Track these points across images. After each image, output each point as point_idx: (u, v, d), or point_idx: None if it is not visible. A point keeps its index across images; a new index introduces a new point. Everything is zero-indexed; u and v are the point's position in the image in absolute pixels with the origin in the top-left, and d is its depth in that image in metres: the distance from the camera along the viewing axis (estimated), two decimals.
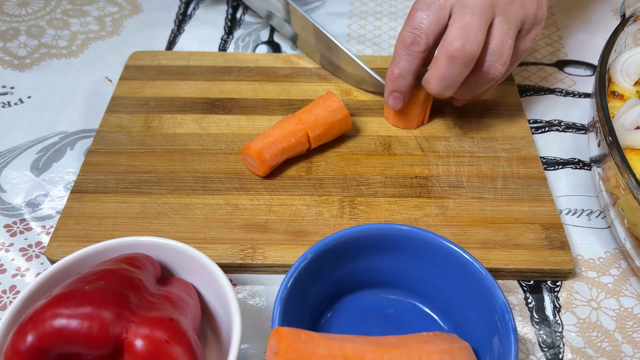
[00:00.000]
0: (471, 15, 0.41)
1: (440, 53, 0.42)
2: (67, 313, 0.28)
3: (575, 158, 0.50)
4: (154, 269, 0.34)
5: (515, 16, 0.43)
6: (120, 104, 0.53)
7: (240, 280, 0.41)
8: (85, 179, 0.46)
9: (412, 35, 0.43)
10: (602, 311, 0.40)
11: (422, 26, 0.43)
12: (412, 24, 0.43)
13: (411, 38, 0.43)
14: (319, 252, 0.34)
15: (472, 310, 0.35)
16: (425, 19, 0.43)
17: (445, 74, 0.42)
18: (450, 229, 0.43)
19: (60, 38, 0.62)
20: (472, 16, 0.41)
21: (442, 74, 0.42)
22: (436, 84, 0.43)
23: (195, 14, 0.66)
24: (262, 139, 0.45)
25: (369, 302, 0.38)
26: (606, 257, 0.43)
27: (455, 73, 0.42)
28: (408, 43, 0.43)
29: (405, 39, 0.43)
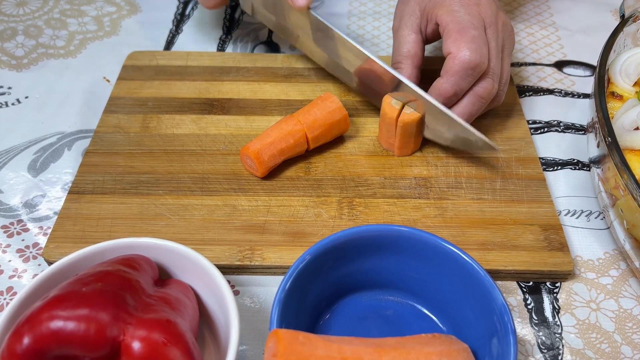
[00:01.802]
0: (496, 47, 0.44)
1: (472, 92, 0.44)
2: (64, 315, 0.28)
3: (574, 159, 0.50)
4: (151, 271, 0.34)
5: (511, 47, 0.47)
6: (118, 104, 0.53)
7: (239, 282, 0.41)
8: (83, 179, 0.46)
9: (479, 59, 0.42)
10: (602, 312, 0.40)
11: (484, 49, 0.43)
12: (474, 44, 0.42)
13: (477, 61, 0.42)
14: (317, 254, 0.34)
15: (471, 312, 0.35)
16: (480, 40, 0.43)
17: (470, 112, 0.45)
18: (449, 230, 0.42)
19: (58, 38, 0.62)
20: (498, 54, 0.44)
21: (468, 111, 0.45)
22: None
23: (194, 14, 0.66)
24: (261, 140, 0.45)
25: (368, 304, 0.38)
26: (605, 258, 0.43)
27: (478, 110, 0.45)
28: (474, 64, 0.42)
29: (470, 59, 0.42)
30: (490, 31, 0.45)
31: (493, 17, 0.45)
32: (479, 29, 0.44)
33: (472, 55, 0.42)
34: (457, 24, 0.43)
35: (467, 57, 0.42)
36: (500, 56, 0.45)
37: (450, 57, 0.43)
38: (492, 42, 0.44)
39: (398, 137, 0.46)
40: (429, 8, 0.46)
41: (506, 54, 0.46)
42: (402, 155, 0.47)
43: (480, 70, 0.43)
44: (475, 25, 0.43)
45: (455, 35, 0.43)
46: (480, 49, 0.42)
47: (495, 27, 0.45)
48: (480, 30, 0.44)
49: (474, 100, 0.44)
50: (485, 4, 0.45)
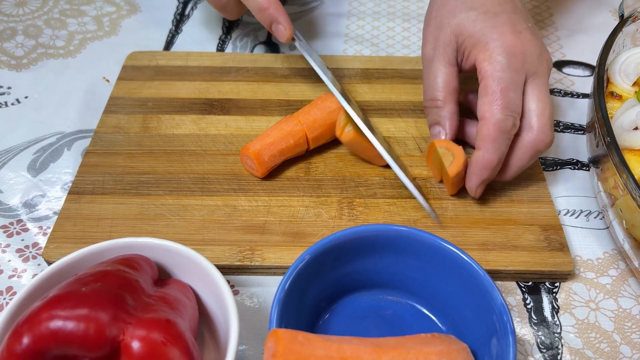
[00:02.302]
0: (546, 96, 0.41)
1: (528, 145, 0.41)
2: (64, 315, 0.28)
3: (574, 159, 0.50)
4: (151, 270, 0.34)
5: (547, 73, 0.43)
6: (118, 105, 0.53)
7: (238, 282, 0.41)
8: (83, 179, 0.46)
9: (512, 120, 0.40)
10: (601, 312, 0.40)
11: (517, 108, 0.40)
12: (509, 107, 0.40)
13: (511, 122, 0.40)
14: (317, 254, 0.34)
15: (471, 312, 0.35)
16: (516, 101, 0.40)
17: (525, 166, 0.42)
18: (449, 230, 0.42)
19: (57, 38, 0.62)
20: (547, 97, 0.41)
21: (523, 165, 0.42)
22: (514, 173, 0.42)
23: (193, 14, 0.66)
24: (261, 140, 0.45)
25: (367, 303, 0.38)
26: (605, 258, 0.43)
27: (531, 163, 0.43)
28: (509, 127, 0.40)
29: (504, 123, 0.39)
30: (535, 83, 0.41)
31: (537, 64, 0.41)
32: (518, 87, 0.40)
33: (504, 117, 0.39)
34: (497, 82, 0.40)
35: (500, 121, 0.39)
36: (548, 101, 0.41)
37: (484, 123, 0.40)
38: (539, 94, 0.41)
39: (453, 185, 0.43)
40: (467, 44, 0.42)
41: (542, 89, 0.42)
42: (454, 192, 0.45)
43: (514, 129, 0.40)
44: (516, 84, 0.40)
45: (491, 96, 0.40)
46: (513, 109, 0.40)
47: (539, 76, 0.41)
48: (520, 88, 0.41)
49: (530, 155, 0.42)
50: (530, 49, 0.41)
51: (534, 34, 0.42)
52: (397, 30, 0.64)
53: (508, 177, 0.43)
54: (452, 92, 0.43)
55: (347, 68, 0.56)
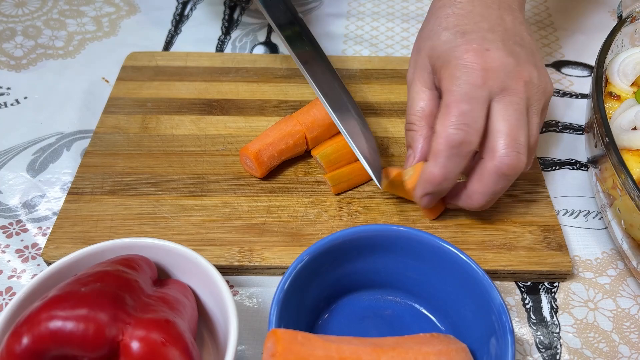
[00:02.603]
0: (517, 117, 0.37)
1: (489, 168, 0.37)
2: (63, 315, 0.28)
3: (573, 159, 0.50)
4: (150, 271, 0.34)
5: (540, 104, 0.40)
6: (117, 105, 0.53)
7: (238, 282, 0.41)
8: (82, 180, 0.46)
9: (462, 134, 0.36)
10: (599, 312, 0.40)
11: (471, 123, 0.37)
12: (460, 119, 0.36)
13: (461, 137, 0.36)
14: (316, 254, 0.34)
15: (470, 312, 0.35)
16: (472, 114, 0.37)
17: (494, 190, 0.38)
18: (448, 230, 0.43)
19: (57, 38, 0.62)
20: (518, 118, 0.37)
21: (490, 190, 0.38)
22: (481, 200, 0.39)
23: (193, 14, 0.66)
24: (260, 141, 0.45)
25: (367, 304, 0.38)
26: (603, 258, 0.43)
27: (504, 188, 0.39)
28: (457, 142, 0.36)
29: (453, 137, 0.36)
30: (502, 101, 0.37)
31: (507, 81, 0.38)
32: (477, 101, 0.37)
33: (455, 131, 0.36)
34: (449, 95, 0.38)
35: (450, 135, 0.36)
36: (524, 120, 0.38)
37: (434, 138, 0.38)
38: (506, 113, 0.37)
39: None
40: (437, 65, 0.40)
41: (533, 115, 0.39)
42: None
43: (468, 148, 0.37)
44: (473, 98, 0.37)
45: (444, 110, 0.38)
46: (468, 124, 0.36)
47: (510, 94, 0.38)
48: (478, 103, 0.37)
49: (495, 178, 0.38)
50: (498, 67, 0.38)
51: (510, 52, 0.39)
52: (396, 31, 0.64)
53: (476, 205, 0.40)
54: (427, 116, 0.41)
55: (346, 68, 0.56)
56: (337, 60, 0.57)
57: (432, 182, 0.38)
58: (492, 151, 0.37)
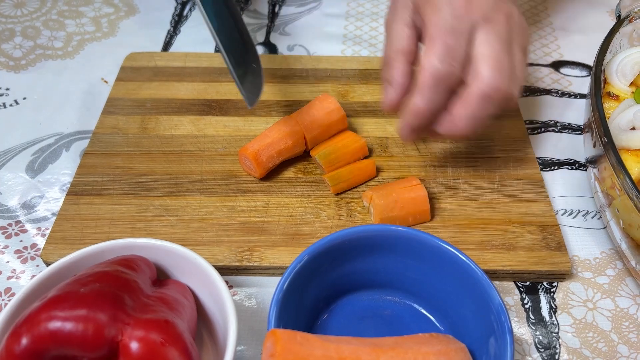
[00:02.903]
0: (501, 44, 0.38)
1: (474, 91, 0.37)
2: (62, 315, 0.28)
3: (571, 159, 0.50)
4: (149, 271, 0.34)
5: (524, 42, 0.41)
6: (116, 106, 0.53)
7: (237, 282, 0.41)
8: (81, 180, 0.46)
9: (446, 67, 0.37)
10: (598, 311, 0.40)
11: (455, 55, 0.37)
12: (445, 52, 0.37)
13: (445, 69, 0.37)
14: (315, 254, 0.34)
15: (469, 311, 0.35)
16: (455, 47, 0.37)
17: (479, 115, 0.38)
18: (447, 230, 0.43)
19: (56, 39, 0.62)
20: (501, 45, 0.38)
21: (475, 114, 0.38)
22: (465, 124, 0.39)
23: (192, 14, 0.66)
24: (259, 141, 0.45)
25: (366, 304, 0.38)
26: (602, 258, 0.43)
27: (489, 112, 0.39)
28: (441, 75, 0.37)
29: (437, 70, 0.37)
30: (485, 30, 0.38)
31: (489, 12, 0.39)
32: (461, 33, 0.38)
33: (439, 63, 0.37)
34: (435, 28, 0.38)
35: (434, 67, 0.37)
36: (509, 49, 0.38)
37: (421, 71, 0.38)
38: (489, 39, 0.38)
39: None
40: (420, 3, 0.40)
41: (516, 49, 0.39)
42: None
43: (451, 80, 0.38)
44: (457, 30, 0.38)
45: (429, 43, 0.38)
46: (453, 56, 0.37)
47: (493, 24, 0.38)
48: (462, 35, 0.38)
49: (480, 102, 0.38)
50: None
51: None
52: None
53: (460, 130, 0.39)
54: (404, 52, 0.41)
55: (345, 69, 0.56)
56: (337, 60, 0.57)
57: (417, 114, 0.39)
58: (477, 74, 0.38)
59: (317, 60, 0.57)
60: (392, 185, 0.43)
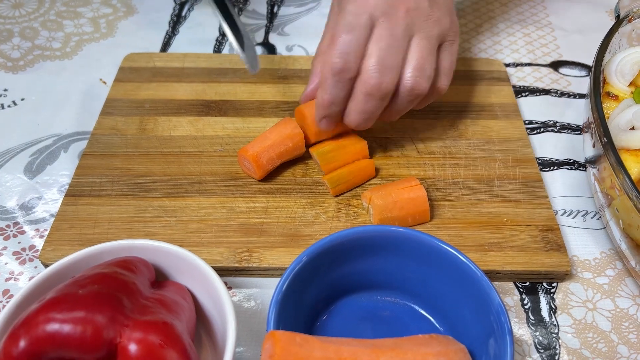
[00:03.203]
0: (390, 41, 0.41)
1: (358, 89, 0.41)
2: (60, 317, 0.28)
3: (571, 159, 0.50)
4: (148, 273, 0.34)
5: (432, 31, 0.42)
6: (114, 106, 0.52)
7: (236, 284, 0.41)
8: (80, 182, 0.46)
9: (341, 62, 0.40)
10: (598, 312, 0.40)
11: (350, 51, 0.40)
12: (340, 49, 0.40)
13: (341, 65, 0.40)
14: (314, 255, 0.34)
15: (468, 312, 0.35)
16: (352, 43, 0.40)
17: (364, 109, 0.42)
18: (447, 230, 0.43)
19: (54, 40, 0.62)
20: (392, 41, 0.41)
21: (361, 109, 0.42)
22: (356, 117, 0.43)
23: (190, 15, 0.66)
24: (259, 143, 0.45)
25: (365, 304, 0.38)
26: (602, 258, 0.43)
27: (374, 107, 0.42)
28: (338, 70, 0.41)
29: (334, 65, 0.40)
30: (380, 26, 0.41)
31: (387, 8, 0.41)
32: (358, 29, 0.40)
33: (338, 59, 0.40)
34: (336, 26, 0.41)
35: (332, 62, 0.40)
36: (396, 45, 0.41)
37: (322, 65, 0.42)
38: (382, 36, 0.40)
39: None
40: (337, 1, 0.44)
41: (416, 40, 0.41)
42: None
43: (348, 73, 0.41)
44: (354, 26, 0.40)
45: (329, 41, 0.42)
46: (348, 52, 0.40)
47: (390, 18, 0.41)
48: (359, 31, 0.40)
49: (363, 98, 0.41)
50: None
51: None
52: None
53: (353, 122, 0.43)
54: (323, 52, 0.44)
55: None
56: None
57: (322, 105, 0.43)
58: (362, 72, 0.41)
59: None
60: (391, 185, 0.43)
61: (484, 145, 0.49)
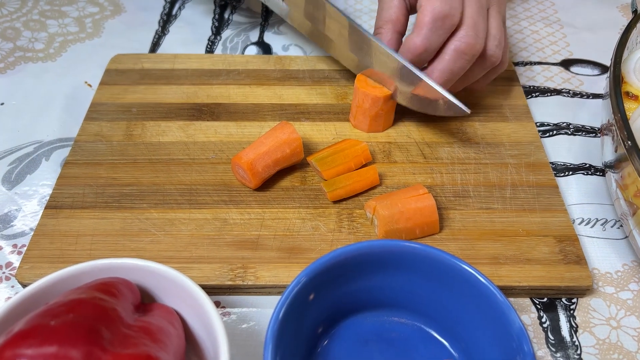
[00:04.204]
0: (477, 9, 0.42)
1: (450, 47, 0.41)
2: (29, 354, 0.24)
3: (586, 163, 0.47)
4: (132, 296, 0.31)
5: (499, 5, 0.44)
6: (100, 111, 0.49)
7: (230, 303, 0.38)
8: (61, 192, 0.43)
9: (447, 7, 0.40)
10: (623, 330, 0.37)
11: (454, 3, 0.40)
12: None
13: (447, 11, 0.40)
14: (313, 274, 0.31)
15: (485, 335, 0.32)
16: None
17: (451, 68, 0.42)
18: (457, 242, 0.39)
19: (36, 40, 0.59)
20: (478, 11, 0.42)
21: (448, 67, 0.42)
22: (440, 76, 0.42)
23: (181, 14, 0.62)
24: (254, 149, 0.42)
25: (370, 326, 0.35)
26: (624, 271, 0.40)
27: (461, 68, 0.42)
28: (442, 16, 0.40)
29: (438, 9, 0.40)
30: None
31: None
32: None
33: (441, 5, 0.40)
34: None
35: (436, 8, 0.40)
36: (484, 13, 0.43)
37: (419, 11, 0.41)
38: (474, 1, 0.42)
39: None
40: None
41: (493, 12, 0.43)
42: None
43: (451, 21, 0.40)
44: None
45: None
46: (451, 1, 0.40)
47: None
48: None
49: (454, 56, 0.41)
50: None
51: None
52: None
53: (436, 78, 0.42)
54: (394, 21, 0.44)
55: (344, 70, 0.53)
56: (334, 61, 0.54)
57: (413, 51, 0.41)
58: (458, 29, 0.41)
59: (314, 60, 0.54)
60: (397, 194, 0.40)
61: (495, 149, 0.46)
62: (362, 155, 0.43)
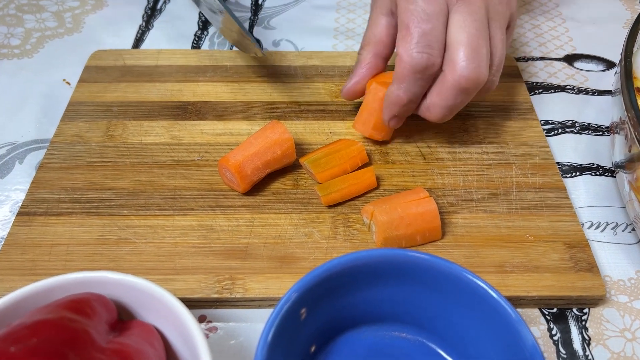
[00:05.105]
0: (476, 27, 0.36)
1: (449, 82, 0.37)
2: None
3: (594, 163, 0.45)
4: (107, 314, 0.28)
5: (504, 17, 0.39)
6: (78, 110, 0.46)
7: (217, 317, 0.35)
8: (35, 198, 0.40)
9: (426, 57, 0.36)
10: (638, 342, 0.34)
11: (433, 43, 0.36)
12: (422, 41, 0.36)
13: (425, 60, 0.36)
14: (305, 289, 0.28)
15: (494, 352, 0.29)
16: (433, 33, 0.36)
17: (453, 104, 0.38)
18: (461, 250, 0.37)
19: (12, 36, 0.55)
20: (477, 27, 0.36)
21: (450, 104, 0.38)
22: (440, 113, 0.39)
23: (166, 8, 0.59)
24: (243, 150, 0.39)
25: (369, 342, 0.32)
26: (638, 278, 0.38)
27: (463, 102, 0.38)
28: (422, 66, 0.36)
29: (417, 61, 0.36)
30: (460, 10, 0.37)
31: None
32: (435, 17, 0.36)
33: (418, 55, 0.36)
34: (408, 14, 0.37)
35: (414, 59, 0.36)
36: (485, 31, 0.37)
37: (397, 59, 0.37)
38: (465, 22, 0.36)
39: None
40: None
41: (495, 29, 0.38)
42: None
43: (431, 70, 0.37)
44: (431, 14, 0.36)
45: (404, 31, 0.37)
46: (429, 44, 0.36)
47: (467, 3, 0.37)
48: (437, 18, 0.36)
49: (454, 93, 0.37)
50: None
51: None
52: None
53: (434, 117, 0.39)
54: (375, 42, 0.41)
55: (338, 65, 0.50)
56: (327, 56, 0.51)
57: (398, 104, 0.39)
58: (452, 63, 0.37)
59: (306, 56, 0.51)
60: (396, 198, 0.37)
61: (498, 149, 0.43)
62: (358, 156, 0.41)
